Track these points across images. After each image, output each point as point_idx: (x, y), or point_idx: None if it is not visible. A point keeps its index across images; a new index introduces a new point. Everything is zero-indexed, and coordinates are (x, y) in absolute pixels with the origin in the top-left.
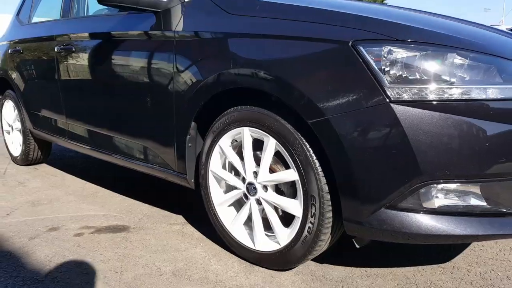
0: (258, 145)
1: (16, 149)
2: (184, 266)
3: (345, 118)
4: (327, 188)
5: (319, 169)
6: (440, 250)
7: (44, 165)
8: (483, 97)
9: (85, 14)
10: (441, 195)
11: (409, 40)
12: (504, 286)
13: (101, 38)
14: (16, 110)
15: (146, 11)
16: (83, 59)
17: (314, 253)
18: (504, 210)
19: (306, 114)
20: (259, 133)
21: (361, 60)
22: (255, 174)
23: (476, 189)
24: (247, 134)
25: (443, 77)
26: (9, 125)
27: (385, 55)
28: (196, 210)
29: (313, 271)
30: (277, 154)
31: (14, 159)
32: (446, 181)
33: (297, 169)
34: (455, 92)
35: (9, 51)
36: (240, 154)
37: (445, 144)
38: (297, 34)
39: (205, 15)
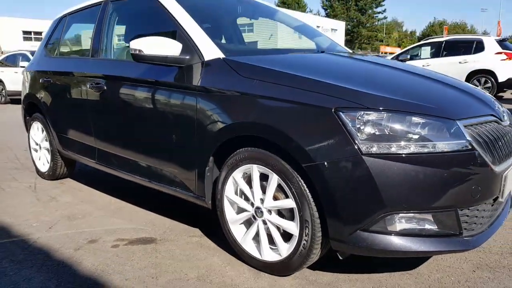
0: (264, 176)
1: (43, 165)
2: (206, 272)
3: (330, 164)
4: (317, 214)
5: (311, 200)
6: (410, 259)
7: (68, 179)
8: (432, 150)
9: (112, 54)
10: (402, 221)
11: (379, 108)
12: None
13: (133, 81)
14: (44, 131)
15: (171, 66)
16: (114, 96)
17: (308, 263)
18: (450, 232)
19: (301, 159)
20: (265, 170)
21: (341, 123)
22: (261, 200)
23: (429, 216)
24: (255, 170)
25: (402, 135)
26: (37, 144)
27: (359, 118)
28: (209, 225)
29: (307, 276)
30: (279, 185)
31: (41, 174)
32: (405, 211)
33: (294, 199)
34: (411, 147)
35: (40, 80)
36: (249, 183)
37: (403, 185)
38: (293, 99)
39: (222, 74)
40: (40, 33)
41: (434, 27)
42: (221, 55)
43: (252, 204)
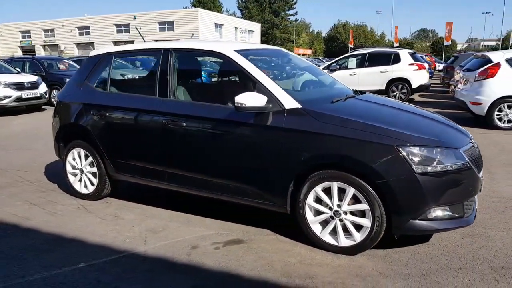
0: (338, 189)
1: (85, 187)
2: (301, 258)
3: (395, 180)
4: (384, 212)
5: (380, 203)
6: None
7: (109, 198)
8: (449, 168)
9: (181, 96)
10: (434, 212)
11: (419, 144)
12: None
13: (220, 121)
14: (90, 157)
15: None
16: (198, 131)
17: (373, 245)
18: (458, 215)
19: (375, 178)
20: (343, 185)
21: (401, 154)
22: (338, 206)
23: (448, 207)
24: (335, 186)
25: (433, 160)
26: (76, 168)
27: (410, 151)
28: (270, 226)
29: (368, 252)
30: (353, 195)
31: (80, 195)
32: (437, 206)
33: (368, 203)
34: (437, 167)
35: (90, 112)
36: (327, 193)
37: (437, 191)
38: (364, 138)
39: (302, 119)
40: None
41: (339, 28)
42: (298, 105)
43: (331, 208)
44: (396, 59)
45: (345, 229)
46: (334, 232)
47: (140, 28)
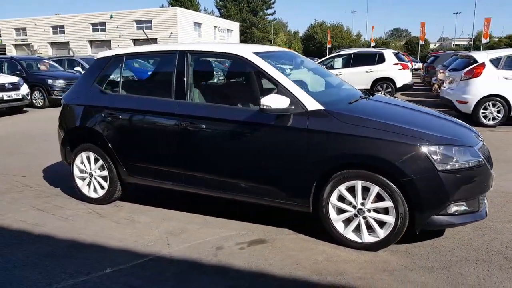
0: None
1: (95, 191)
2: (327, 256)
3: (419, 178)
4: (407, 209)
5: (404, 200)
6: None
7: (119, 202)
8: (467, 166)
9: (198, 98)
10: (453, 207)
11: (440, 143)
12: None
13: (242, 123)
14: (100, 160)
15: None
16: (218, 133)
17: (395, 240)
18: (474, 210)
19: (400, 176)
20: (367, 184)
21: (424, 153)
22: (362, 204)
23: (465, 202)
24: (359, 185)
25: (451, 158)
26: (86, 173)
27: (432, 149)
28: (289, 225)
29: (390, 248)
30: (377, 193)
31: (90, 200)
32: (456, 202)
33: (392, 201)
34: (456, 165)
35: (101, 115)
36: (350, 192)
37: (456, 187)
38: (389, 138)
39: (325, 121)
40: None
41: (315, 28)
42: (320, 106)
43: (354, 207)
44: (381, 59)
45: (368, 226)
46: (357, 229)
47: (117, 27)
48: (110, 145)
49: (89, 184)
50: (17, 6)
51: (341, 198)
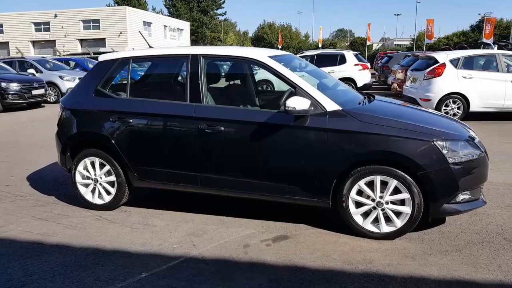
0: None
1: (101, 197)
2: (350, 246)
3: (434, 171)
4: (423, 199)
5: (420, 191)
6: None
7: (124, 207)
8: (470, 157)
9: (214, 101)
10: (461, 196)
11: (448, 138)
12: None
13: (256, 124)
14: (107, 165)
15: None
16: (237, 135)
17: (411, 229)
18: (476, 198)
19: (417, 170)
20: (385, 178)
21: (437, 148)
22: (380, 197)
23: (469, 191)
24: (378, 179)
25: (458, 151)
26: (91, 179)
27: (443, 145)
28: (304, 220)
29: (404, 236)
30: (395, 187)
31: (94, 207)
32: (464, 191)
33: (409, 193)
34: (462, 158)
35: (110, 119)
36: (369, 186)
37: (464, 177)
38: (406, 136)
39: (345, 120)
40: None
41: (265, 28)
42: (338, 107)
43: (373, 200)
44: (342, 60)
45: (385, 217)
46: (375, 220)
47: (62, 27)
48: (119, 150)
49: (93, 191)
50: None
51: (359, 192)
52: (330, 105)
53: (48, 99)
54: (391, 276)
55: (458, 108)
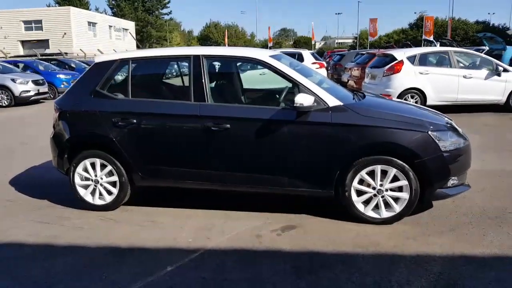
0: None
1: (102, 198)
2: (356, 232)
3: (429, 159)
4: (419, 185)
5: (416, 178)
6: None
7: (124, 207)
8: (458, 146)
9: (217, 100)
10: (451, 181)
11: (439, 129)
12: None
13: (261, 121)
14: (109, 166)
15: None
16: (245, 131)
17: (409, 213)
18: (463, 182)
19: (414, 158)
20: (385, 167)
21: (432, 138)
22: (381, 185)
23: (456, 176)
24: (378, 169)
25: (448, 140)
26: (91, 180)
27: (435, 135)
28: (305, 210)
29: (403, 220)
30: (394, 175)
31: (95, 207)
32: (454, 176)
33: (407, 180)
34: (451, 146)
35: (112, 120)
36: (370, 176)
37: (455, 164)
38: (405, 128)
39: (346, 115)
40: None
41: (211, 28)
42: (340, 102)
43: (374, 188)
44: (300, 58)
45: (385, 204)
46: (375, 207)
47: (1, 28)
48: (123, 150)
49: (93, 192)
50: None
51: (360, 181)
52: (332, 101)
53: (0, 104)
54: (400, 255)
55: (416, 102)
